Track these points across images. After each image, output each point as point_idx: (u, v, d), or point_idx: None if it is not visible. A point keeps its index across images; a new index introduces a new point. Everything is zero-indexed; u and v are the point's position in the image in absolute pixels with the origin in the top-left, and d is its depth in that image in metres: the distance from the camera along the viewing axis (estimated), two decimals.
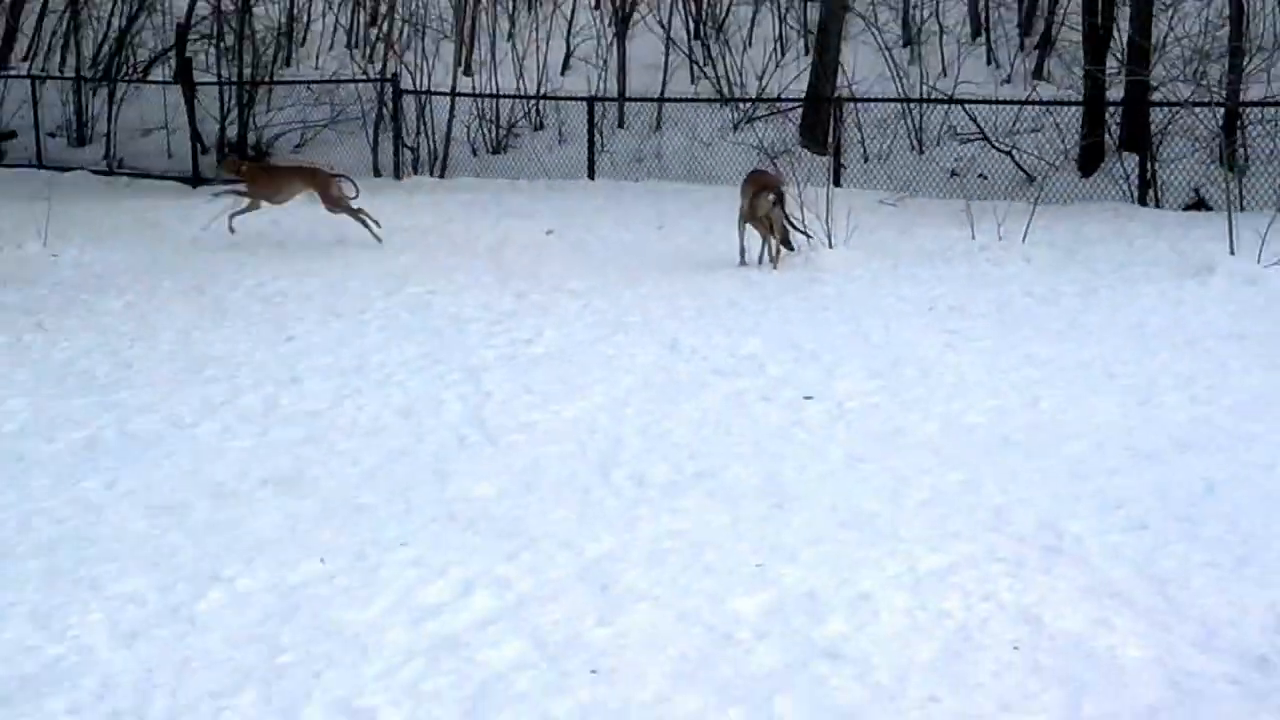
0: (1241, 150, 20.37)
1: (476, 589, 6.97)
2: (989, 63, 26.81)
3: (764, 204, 15.53)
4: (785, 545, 7.47)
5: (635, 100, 26.54)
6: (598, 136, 25.12)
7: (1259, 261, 14.56)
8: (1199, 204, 19.92)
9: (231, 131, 28.63)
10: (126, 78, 31.33)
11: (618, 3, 28.66)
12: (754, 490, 8.41)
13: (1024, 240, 16.68)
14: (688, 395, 10.59)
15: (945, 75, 25.86)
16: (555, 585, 7.02)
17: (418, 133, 26.57)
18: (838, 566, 7.15)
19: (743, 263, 15.89)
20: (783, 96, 25.40)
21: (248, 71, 29.49)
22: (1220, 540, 7.43)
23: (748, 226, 15.87)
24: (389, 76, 27.27)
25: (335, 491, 8.52)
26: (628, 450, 9.25)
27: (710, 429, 9.74)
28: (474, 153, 26.72)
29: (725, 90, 26.75)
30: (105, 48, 33.00)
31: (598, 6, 30.53)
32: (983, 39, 27.50)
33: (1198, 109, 20.69)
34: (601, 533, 7.72)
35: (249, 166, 19.19)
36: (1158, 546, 7.35)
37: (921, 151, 23.62)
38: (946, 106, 23.43)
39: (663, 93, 26.82)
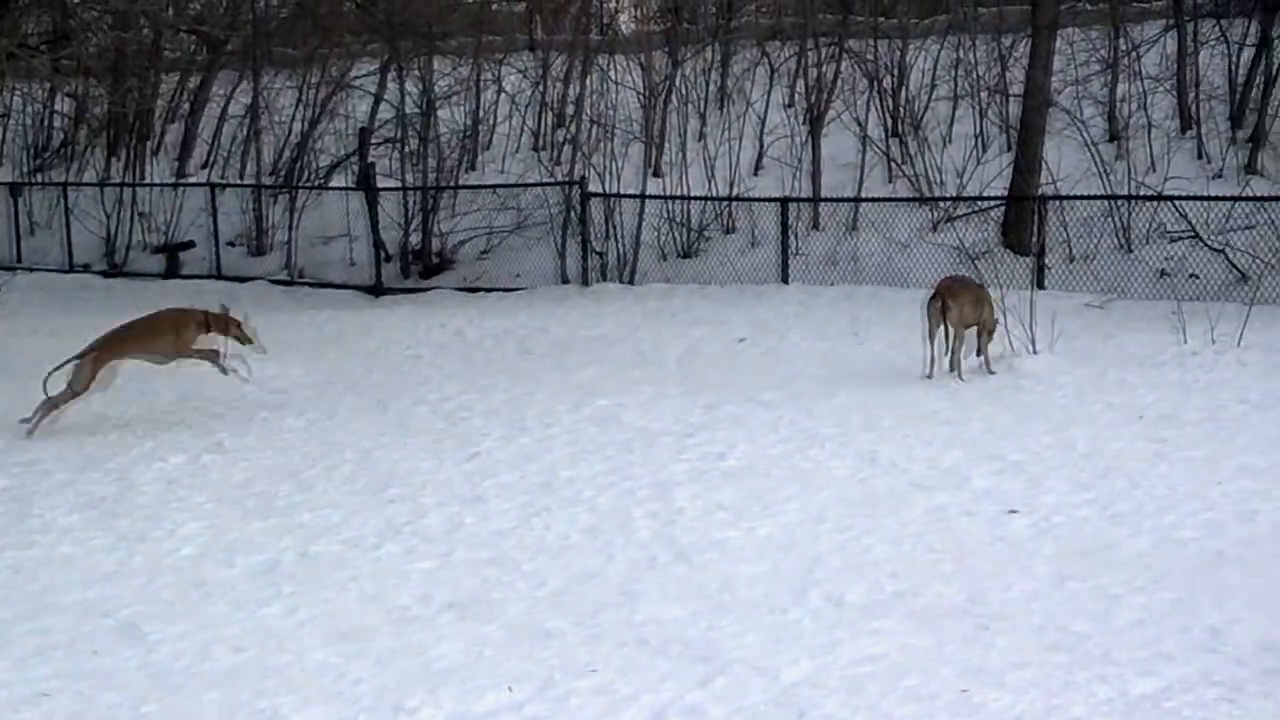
0: None
1: (668, 717, 6.78)
2: (1199, 157, 26.26)
3: (934, 312, 15.17)
4: (991, 669, 7.19)
5: (830, 201, 26.17)
6: (791, 239, 24.71)
7: None
8: None
9: (415, 239, 28.70)
10: (307, 184, 31.52)
11: (811, 100, 28.46)
12: (957, 610, 8.12)
13: (1238, 343, 16.14)
14: (886, 510, 10.31)
15: (1153, 171, 25.33)
16: (750, 713, 6.81)
17: (605, 237, 26.25)
18: (1046, 691, 6.87)
19: (928, 375, 15.45)
20: (983, 195, 25.04)
21: (431, 176, 29.52)
22: None
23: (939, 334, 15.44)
24: (576, 180, 27.16)
25: (521, 615, 8.36)
26: (824, 569, 9.00)
27: (910, 546, 9.46)
28: (663, 257, 26.39)
29: (923, 189, 26.43)
30: (285, 154, 33.31)
31: (790, 105, 30.41)
32: (1192, 133, 26.96)
33: None
34: (798, 656, 7.49)
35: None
36: None
37: (1129, 251, 23.09)
38: (1155, 204, 22.90)
39: (859, 192, 26.53)
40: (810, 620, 8.08)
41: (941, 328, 15.22)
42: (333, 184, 31.41)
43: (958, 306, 15.19)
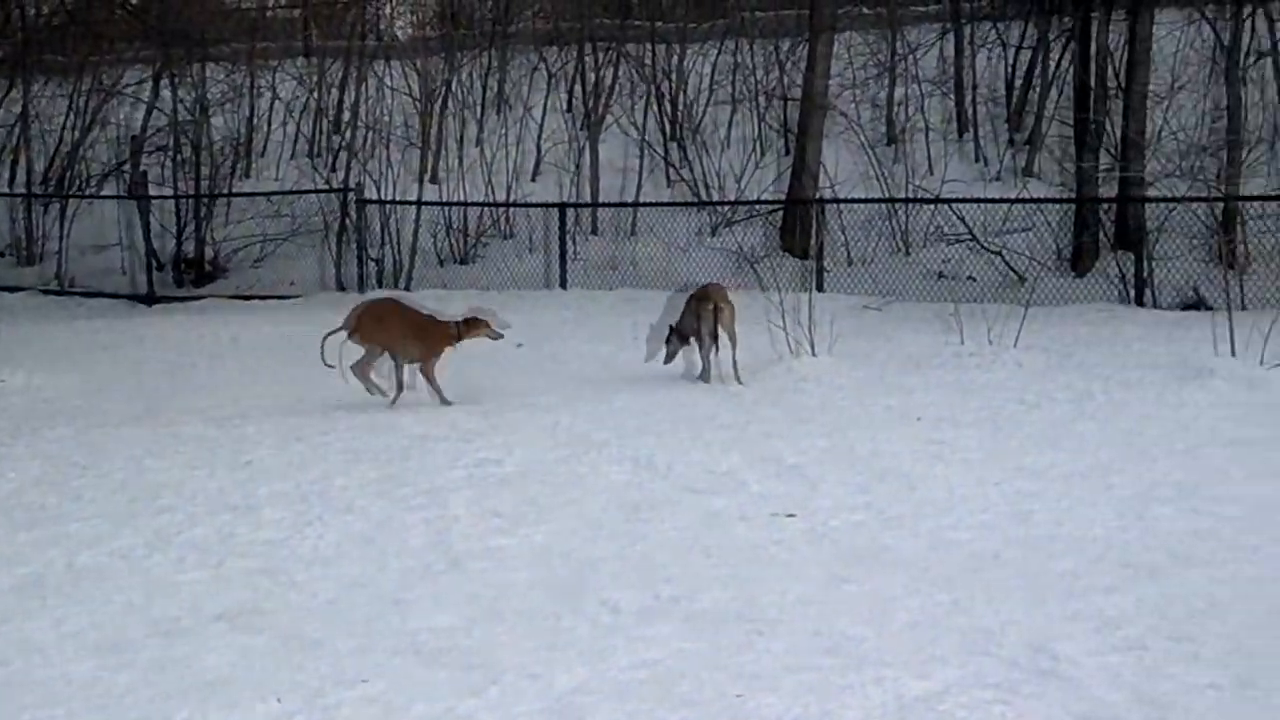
0: (1241, 247, 20.11)
1: None
2: (976, 160, 26.68)
3: (707, 314, 15.13)
4: (765, 673, 7.09)
5: (608, 206, 26.24)
6: (569, 244, 24.74)
7: (1261, 363, 14.20)
8: (1197, 304, 19.54)
9: (188, 247, 28.25)
10: (78, 193, 30.97)
11: (588, 105, 28.43)
12: (732, 615, 8.01)
13: (1015, 344, 16.34)
14: (663, 516, 10.20)
15: (930, 174, 25.67)
16: None
17: (381, 244, 26.09)
18: (820, 695, 6.78)
19: (704, 379, 15.40)
20: (761, 199, 25.17)
21: (204, 184, 29.19)
22: (1222, 661, 7.03)
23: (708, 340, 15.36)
24: (350, 186, 26.94)
25: (292, 625, 8.12)
26: (600, 575, 8.85)
27: (686, 551, 9.34)
28: (440, 263, 26.30)
29: (701, 194, 26.53)
30: (56, 162, 32.66)
31: (568, 110, 30.38)
32: (969, 136, 27.36)
33: (1194, 205, 20.43)
34: (572, 664, 7.34)
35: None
36: (1156, 668, 6.96)
37: (907, 254, 23.37)
38: (932, 206, 23.20)
39: (637, 197, 26.59)
40: (585, 627, 7.93)
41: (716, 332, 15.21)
42: (104, 192, 30.86)
43: (728, 309, 15.20)
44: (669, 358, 15.55)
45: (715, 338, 15.17)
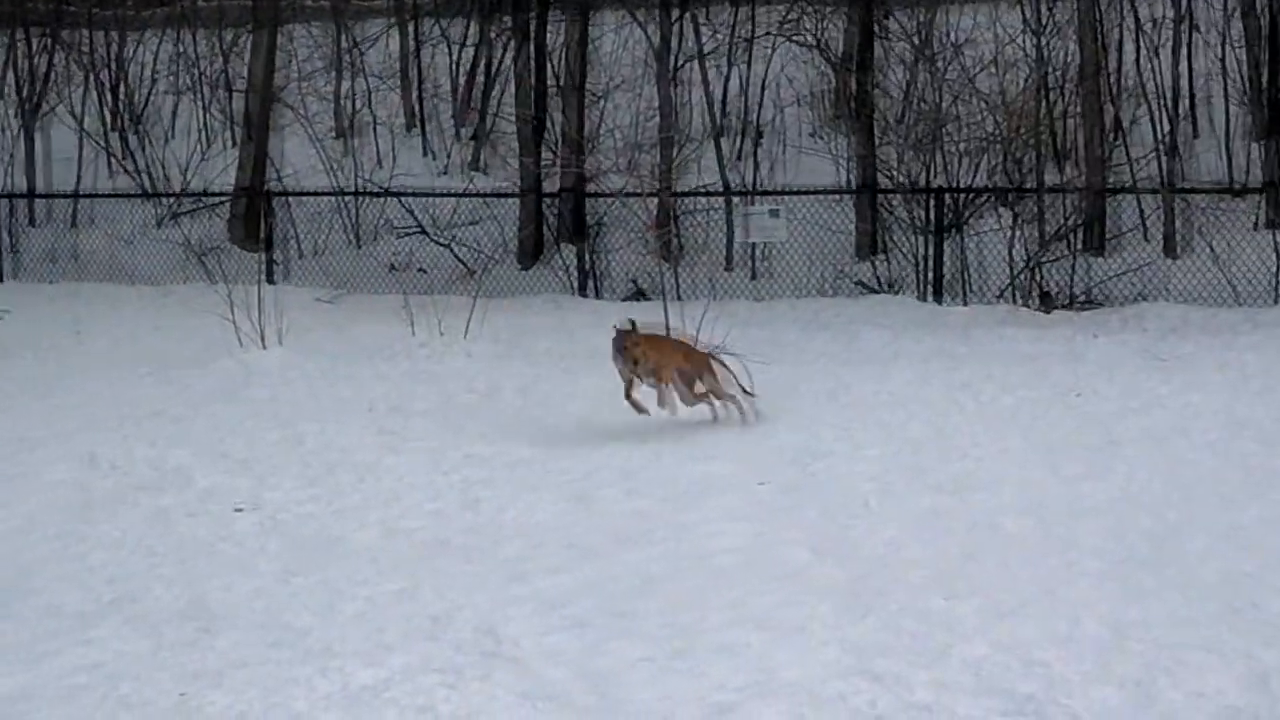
0: (675, 240, 20.83)
1: None
2: (425, 154, 26.84)
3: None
4: (210, 670, 7.02)
5: (48, 196, 25.32)
6: (6, 236, 23.85)
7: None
8: (639, 294, 20.15)
9: None
10: None
11: (24, 93, 27.31)
12: (177, 614, 7.91)
13: (465, 335, 16.49)
14: (106, 514, 9.97)
15: (381, 167, 25.70)
16: None
17: None
18: (266, 689, 6.75)
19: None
20: (209, 190, 24.75)
21: None
22: (656, 634, 7.29)
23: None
24: None
25: None
26: (38, 578, 8.60)
27: (130, 550, 9.17)
28: None
29: (148, 184, 25.91)
30: None
31: (2, 96, 29.21)
32: (417, 130, 27.53)
33: (631, 199, 21.07)
34: (13, 668, 7.12)
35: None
36: (597, 644, 7.18)
37: (359, 246, 23.36)
38: (384, 200, 23.23)
39: (77, 188, 25.77)
40: (22, 631, 7.71)
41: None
42: None
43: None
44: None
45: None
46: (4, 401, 14.03)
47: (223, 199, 24.31)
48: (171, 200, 24.87)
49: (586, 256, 20.75)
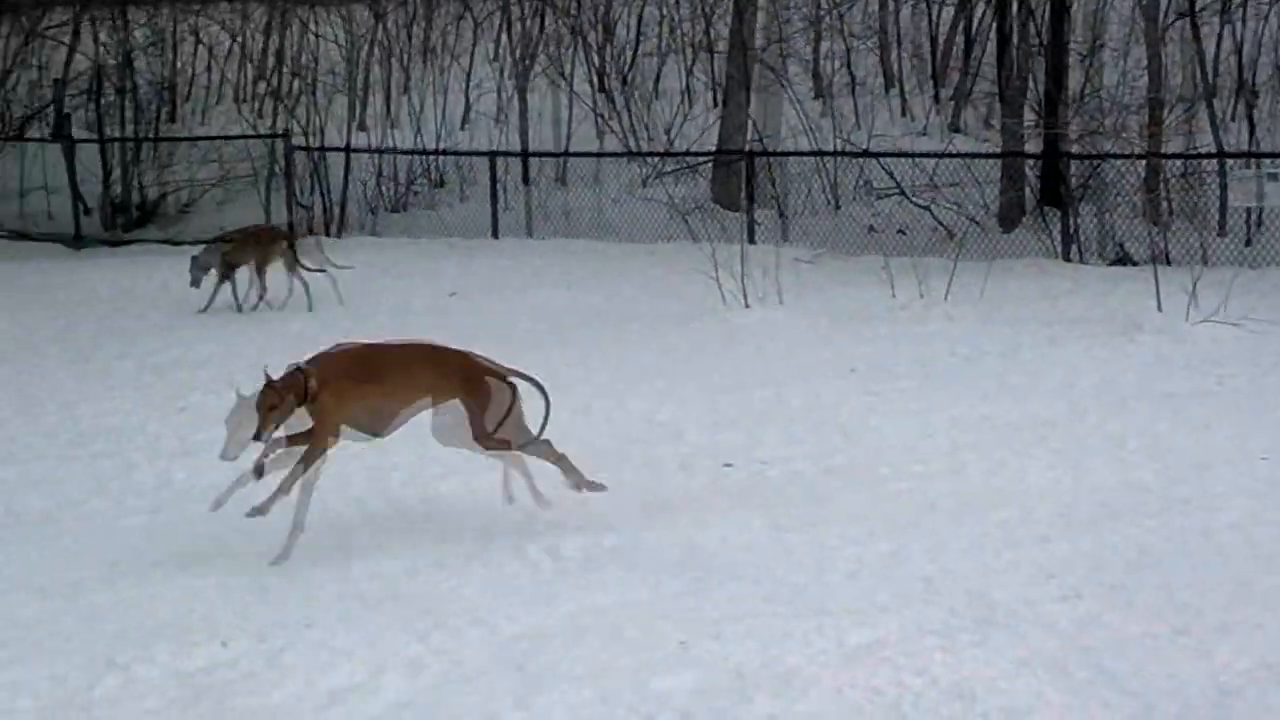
0: (1165, 204, 20.30)
1: (387, 672, 6.62)
2: (903, 115, 26.75)
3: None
4: (708, 619, 7.14)
5: (538, 155, 25.98)
6: (500, 193, 24.54)
7: (1186, 319, 14.30)
8: (1124, 259, 19.68)
9: (116, 191, 27.88)
10: (2, 135, 30.44)
11: (516, 55, 28.19)
12: (674, 563, 8.07)
13: (946, 298, 16.42)
14: (602, 464, 10.19)
15: (859, 128, 25.71)
16: (470, 667, 6.66)
17: (312, 191, 25.83)
18: (763, 641, 6.83)
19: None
20: (692, 150, 25.12)
21: (130, 128, 28.73)
22: (1155, 610, 7.15)
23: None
24: (280, 133, 26.63)
25: (235, 571, 8.10)
26: (541, 522, 8.88)
27: (628, 498, 9.36)
28: (372, 211, 25.99)
29: (633, 144, 26.42)
30: None
31: (495, 58, 30.18)
32: (896, 91, 27.44)
33: (1119, 162, 20.60)
34: (517, 610, 7.35)
35: None
36: (1091, 617, 7.08)
37: (838, 207, 23.43)
38: (861, 161, 23.25)
39: (566, 147, 26.45)
40: (529, 573, 7.98)
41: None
42: (29, 135, 30.24)
43: None
44: None
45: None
46: (506, 355, 14.47)
47: (706, 159, 24.67)
48: (656, 160, 25.32)
49: (1071, 220, 20.33)
